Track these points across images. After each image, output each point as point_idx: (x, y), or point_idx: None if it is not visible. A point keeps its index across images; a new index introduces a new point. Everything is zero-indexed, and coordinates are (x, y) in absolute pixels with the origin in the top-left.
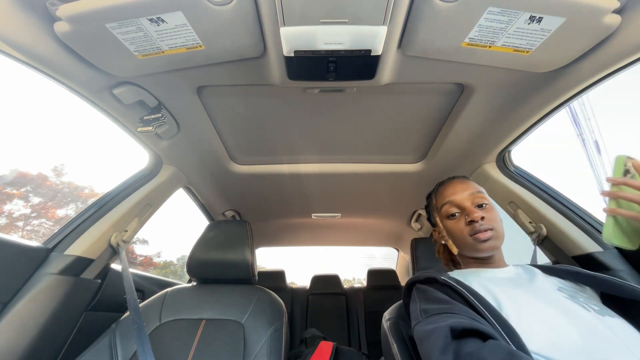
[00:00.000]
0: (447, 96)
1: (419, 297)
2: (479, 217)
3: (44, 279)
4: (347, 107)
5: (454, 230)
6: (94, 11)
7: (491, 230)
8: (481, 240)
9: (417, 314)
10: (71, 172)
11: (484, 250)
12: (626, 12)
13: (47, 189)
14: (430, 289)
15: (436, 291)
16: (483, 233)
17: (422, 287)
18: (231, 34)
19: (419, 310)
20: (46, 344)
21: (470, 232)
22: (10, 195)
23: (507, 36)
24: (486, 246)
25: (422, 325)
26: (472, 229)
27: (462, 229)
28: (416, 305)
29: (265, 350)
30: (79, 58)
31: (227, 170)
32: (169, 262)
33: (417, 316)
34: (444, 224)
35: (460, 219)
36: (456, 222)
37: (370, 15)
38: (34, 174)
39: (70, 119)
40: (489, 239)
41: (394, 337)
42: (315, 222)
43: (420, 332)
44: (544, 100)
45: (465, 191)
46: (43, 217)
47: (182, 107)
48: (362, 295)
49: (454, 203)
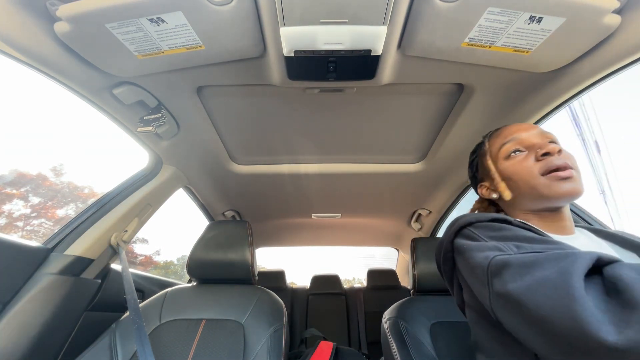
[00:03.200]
0: (447, 96)
1: (491, 235)
2: (556, 150)
3: (44, 279)
4: (347, 107)
5: (517, 169)
6: (94, 11)
7: (572, 169)
8: (561, 177)
9: (500, 247)
10: (70, 172)
11: (561, 194)
12: (626, 13)
13: (47, 189)
14: (510, 227)
15: (521, 229)
16: (563, 170)
17: (496, 225)
18: (231, 34)
19: (501, 244)
20: (46, 344)
21: (544, 170)
22: (10, 195)
23: (507, 36)
24: (567, 187)
25: (525, 255)
26: (546, 165)
27: (531, 167)
28: (486, 243)
29: (265, 351)
30: (79, 58)
31: (227, 170)
32: (169, 262)
33: (499, 249)
34: (500, 168)
35: (527, 156)
36: (521, 160)
37: (370, 16)
38: (34, 174)
39: (71, 120)
40: (570, 177)
41: (393, 337)
42: (315, 222)
43: (528, 258)
44: (544, 100)
45: (533, 129)
46: (43, 217)
47: (182, 107)
48: (362, 295)
49: (519, 140)
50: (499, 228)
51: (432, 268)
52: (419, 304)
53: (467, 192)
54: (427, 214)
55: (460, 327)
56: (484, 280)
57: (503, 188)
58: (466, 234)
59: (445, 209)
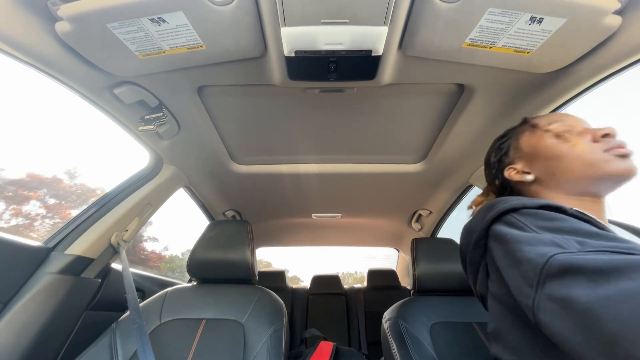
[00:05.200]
0: (447, 97)
1: (541, 226)
2: (615, 133)
3: (44, 278)
4: (348, 107)
5: (575, 145)
6: (95, 11)
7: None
8: (622, 154)
9: (558, 242)
10: (83, 174)
11: (621, 171)
12: (627, 13)
13: (62, 191)
14: (565, 217)
15: (578, 221)
16: (623, 147)
17: (547, 214)
18: (232, 34)
19: (559, 239)
20: (46, 343)
21: (606, 147)
22: (28, 197)
23: (508, 37)
24: (627, 164)
25: (597, 257)
26: (608, 143)
27: (590, 145)
28: (539, 235)
29: (265, 350)
30: (80, 58)
31: (228, 170)
32: (174, 256)
33: (558, 245)
34: (547, 145)
35: (581, 137)
36: (577, 139)
37: (371, 16)
38: (49, 176)
39: (75, 121)
40: (630, 155)
41: (393, 337)
42: (316, 222)
43: (603, 261)
44: (545, 101)
45: (579, 118)
46: (57, 217)
47: (183, 107)
48: (362, 295)
49: (570, 123)
50: (551, 217)
51: (433, 268)
52: (419, 304)
53: (467, 192)
54: (428, 214)
55: (460, 327)
56: (532, 279)
57: (556, 168)
58: (509, 221)
59: (446, 209)
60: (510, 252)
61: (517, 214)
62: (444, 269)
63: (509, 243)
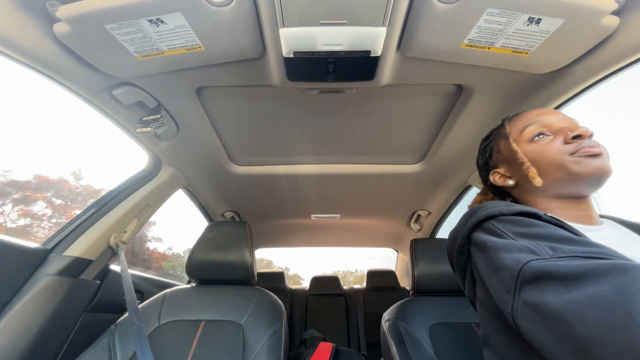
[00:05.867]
0: (446, 97)
1: (518, 232)
2: (588, 133)
3: (42, 279)
4: (347, 108)
5: (544, 150)
6: (93, 12)
7: (603, 149)
8: (591, 154)
9: (532, 248)
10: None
11: (591, 172)
12: (625, 14)
13: (68, 192)
14: (541, 222)
15: (554, 227)
16: (593, 147)
17: (524, 220)
18: (231, 35)
19: (534, 245)
20: (45, 345)
21: (575, 149)
22: (35, 198)
23: (506, 37)
24: (597, 164)
25: (568, 263)
26: (578, 147)
27: (559, 148)
28: (515, 242)
29: (265, 351)
30: (78, 59)
31: (227, 171)
32: (176, 254)
33: (532, 251)
34: (525, 149)
35: (554, 139)
36: (548, 142)
37: (370, 17)
38: (55, 178)
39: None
40: (601, 154)
41: (393, 337)
42: (315, 223)
43: (573, 267)
44: (543, 101)
45: (557, 114)
46: (63, 216)
47: (182, 108)
48: (361, 296)
49: (544, 123)
50: (527, 224)
51: (432, 269)
52: (418, 304)
53: (466, 192)
54: (427, 215)
55: (460, 327)
56: (510, 285)
57: (534, 174)
58: (488, 228)
59: (445, 209)
60: (489, 259)
61: (495, 221)
62: (443, 269)
63: (488, 250)
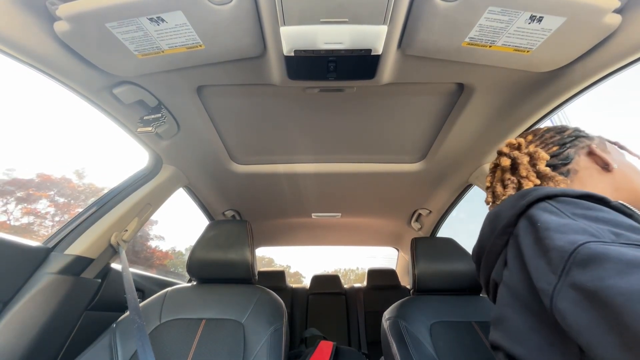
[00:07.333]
0: (447, 96)
1: (578, 214)
2: None
3: (44, 278)
4: (347, 107)
5: None
6: (93, 11)
7: None
8: None
9: (592, 231)
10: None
11: None
12: (627, 12)
13: (71, 190)
14: (607, 208)
15: (620, 214)
16: None
17: (587, 204)
18: (231, 33)
19: (593, 228)
20: (46, 343)
21: None
22: (39, 196)
23: (508, 36)
24: None
25: (630, 249)
26: None
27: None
28: (573, 222)
29: (265, 350)
30: (78, 58)
31: (227, 170)
32: (178, 252)
33: (591, 233)
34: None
35: None
36: None
37: (371, 15)
38: (58, 176)
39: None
40: None
41: (393, 336)
42: (315, 221)
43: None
44: (544, 99)
45: None
46: (66, 214)
47: (182, 107)
48: (362, 295)
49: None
50: (590, 207)
51: (432, 268)
52: (418, 303)
53: (467, 191)
54: (427, 214)
55: (460, 326)
56: (557, 266)
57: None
58: (544, 207)
59: (446, 208)
60: (539, 240)
61: (554, 201)
62: (444, 268)
63: (539, 231)
